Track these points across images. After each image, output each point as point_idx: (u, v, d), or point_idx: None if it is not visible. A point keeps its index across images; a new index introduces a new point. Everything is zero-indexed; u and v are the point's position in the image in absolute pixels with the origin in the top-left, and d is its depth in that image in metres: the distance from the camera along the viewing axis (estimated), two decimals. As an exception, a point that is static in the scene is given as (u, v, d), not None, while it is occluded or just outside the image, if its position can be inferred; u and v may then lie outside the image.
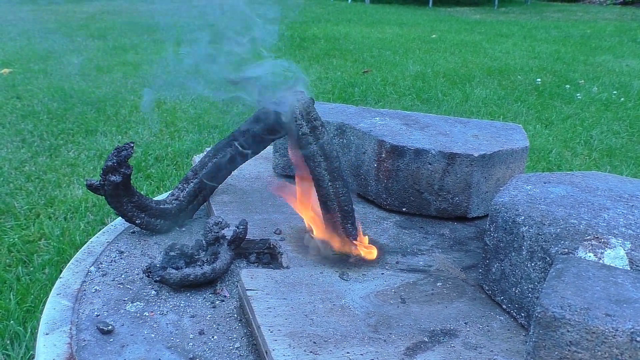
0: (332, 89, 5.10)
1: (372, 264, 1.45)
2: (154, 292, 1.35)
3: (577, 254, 1.11)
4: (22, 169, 3.23)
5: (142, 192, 2.60)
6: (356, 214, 1.47)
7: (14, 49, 6.64)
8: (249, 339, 1.20)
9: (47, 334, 1.18)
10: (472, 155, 1.61)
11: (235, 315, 1.28)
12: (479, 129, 1.85)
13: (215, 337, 1.20)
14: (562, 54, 7.27)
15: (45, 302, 1.99)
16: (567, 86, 5.45)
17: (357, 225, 1.46)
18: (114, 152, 1.45)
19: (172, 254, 1.37)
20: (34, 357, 1.73)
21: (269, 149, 2.03)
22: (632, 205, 1.27)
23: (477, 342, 1.16)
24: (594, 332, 0.88)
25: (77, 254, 1.50)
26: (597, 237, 1.12)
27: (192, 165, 3.23)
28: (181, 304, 1.31)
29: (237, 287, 1.36)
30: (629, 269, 1.06)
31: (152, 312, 1.27)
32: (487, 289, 1.34)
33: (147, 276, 1.36)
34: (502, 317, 1.26)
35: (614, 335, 0.87)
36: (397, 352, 1.11)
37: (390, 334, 1.17)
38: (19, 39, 7.29)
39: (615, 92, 5.24)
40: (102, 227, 2.58)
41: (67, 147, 3.60)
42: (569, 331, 0.89)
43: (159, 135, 3.88)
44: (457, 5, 14.38)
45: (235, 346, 1.18)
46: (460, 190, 1.65)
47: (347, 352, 1.09)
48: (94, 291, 1.34)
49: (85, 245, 1.56)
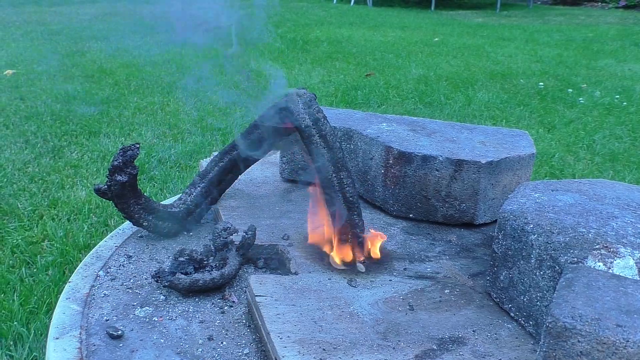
0: (335, 92, 5.10)
1: (380, 271, 1.45)
2: (162, 297, 1.35)
3: (586, 263, 1.12)
4: (25, 170, 3.24)
5: (146, 194, 2.60)
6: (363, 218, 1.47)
7: (18, 50, 6.64)
8: (258, 345, 1.20)
9: (57, 339, 1.18)
10: (480, 162, 1.62)
11: (244, 321, 1.28)
12: (486, 135, 1.85)
13: (224, 342, 1.21)
14: (565, 57, 7.27)
15: (49, 304, 2.01)
16: (570, 90, 5.45)
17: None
18: (120, 152, 1.45)
19: (181, 259, 1.37)
20: (37, 359, 1.74)
21: (276, 154, 2.04)
22: (640, 214, 1.27)
23: (485, 350, 1.16)
24: (605, 343, 0.88)
25: (86, 258, 1.51)
26: (607, 246, 1.13)
27: (196, 168, 3.24)
28: (190, 310, 1.31)
29: (245, 292, 1.37)
30: (639, 279, 1.06)
31: (161, 317, 1.28)
32: (495, 296, 1.35)
33: (156, 281, 1.37)
34: (510, 325, 1.26)
35: (625, 346, 0.87)
36: (407, 360, 1.11)
37: (399, 341, 1.17)
38: (22, 40, 7.30)
39: (617, 96, 5.24)
40: (106, 229, 2.59)
41: (71, 149, 3.60)
42: (579, 341, 0.90)
43: (162, 137, 3.88)
44: (460, 8, 14.39)
45: (244, 352, 1.18)
46: (467, 196, 1.66)
47: (357, 360, 1.10)
48: (102, 295, 1.34)
49: (93, 249, 1.56)
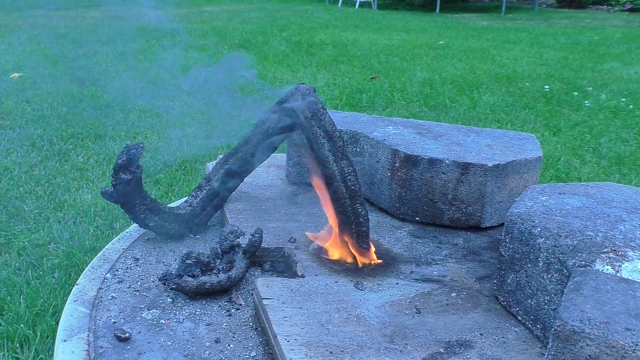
0: (340, 95, 5.10)
1: (387, 274, 1.45)
2: (169, 299, 1.35)
3: (594, 266, 1.11)
4: (31, 173, 3.25)
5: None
6: (369, 223, 1.47)
7: (24, 54, 6.67)
8: (265, 348, 1.20)
9: (65, 341, 1.19)
10: (486, 165, 1.61)
11: (250, 323, 1.28)
12: (492, 138, 1.85)
13: (231, 345, 1.21)
14: (570, 60, 7.26)
15: (55, 306, 2.01)
16: (575, 93, 5.44)
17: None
18: (124, 151, 1.46)
19: (188, 261, 1.37)
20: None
21: (282, 157, 2.04)
22: (648, 217, 1.27)
23: (492, 353, 1.16)
24: (613, 347, 0.88)
25: (93, 260, 1.51)
26: (615, 250, 1.12)
27: (202, 171, 3.25)
28: (197, 312, 1.31)
29: (252, 295, 1.37)
30: (647, 283, 1.06)
31: (168, 319, 1.28)
32: (502, 300, 1.34)
33: (163, 284, 1.37)
34: (517, 329, 1.26)
35: (634, 349, 0.87)
36: (414, 363, 1.11)
37: (406, 344, 1.17)
38: (29, 43, 7.33)
39: (623, 99, 5.23)
40: (111, 232, 2.60)
41: (77, 152, 3.62)
42: (588, 345, 0.89)
43: (168, 140, 3.89)
44: (464, 11, 14.38)
45: (251, 355, 1.18)
46: (473, 200, 1.66)
47: (364, 363, 1.10)
48: (110, 298, 1.35)
49: (100, 251, 1.56)
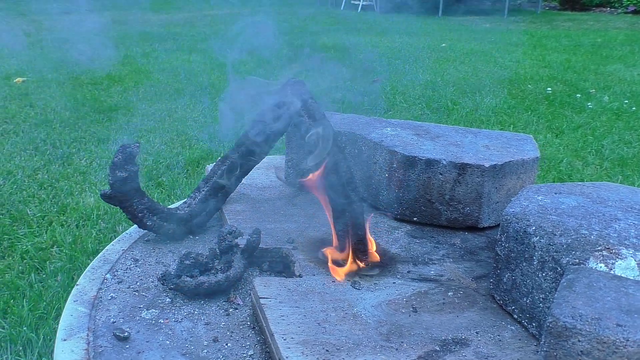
0: (342, 98, 5.12)
1: (384, 273, 1.46)
2: (168, 299, 1.37)
3: (588, 264, 1.12)
4: (35, 176, 3.27)
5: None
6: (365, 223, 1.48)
7: (27, 58, 6.72)
8: (263, 347, 1.21)
9: (64, 340, 1.20)
10: (483, 165, 1.62)
11: (248, 323, 1.30)
12: (490, 139, 1.86)
13: (229, 344, 1.22)
14: (573, 63, 7.26)
15: (58, 309, 2.02)
16: (578, 95, 5.44)
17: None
18: (120, 149, 1.48)
19: (187, 262, 1.39)
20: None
21: (281, 159, 2.05)
22: (643, 216, 1.28)
23: (488, 351, 1.17)
24: (605, 342, 0.88)
25: (93, 261, 1.53)
26: (608, 248, 1.13)
27: (204, 174, 3.26)
28: (195, 312, 1.33)
29: (250, 295, 1.38)
30: (640, 280, 1.07)
31: (167, 319, 1.29)
32: (498, 298, 1.35)
33: (162, 284, 1.38)
34: (513, 327, 1.27)
35: (625, 345, 0.87)
36: (409, 361, 1.12)
37: (402, 342, 1.18)
38: (32, 48, 7.38)
39: (626, 101, 5.23)
40: (114, 235, 2.61)
41: (80, 155, 3.64)
42: (580, 341, 0.90)
43: (170, 143, 3.91)
44: (467, 14, 14.40)
45: (249, 353, 1.19)
46: (471, 200, 1.66)
47: (360, 361, 1.11)
48: (109, 298, 1.36)
49: (100, 253, 1.58)
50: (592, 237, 1.17)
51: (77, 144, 3.84)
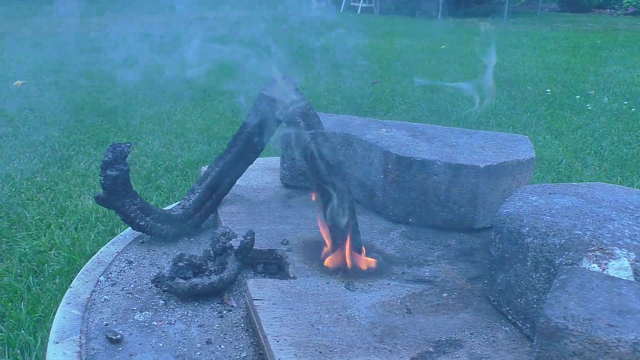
0: (341, 100, 5.12)
1: (378, 274, 1.46)
2: (162, 301, 1.36)
3: (581, 264, 1.12)
4: (33, 179, 3.27)
5: (152, 203, 2.62)
6: (362, 225, 1.48)
7: (27, 61, 6.72)
8: (256, 349, 1.21)
9: (57, 343, 1.20)
10: (478, 166, 1.62)
11: (242, 324, 1.29)
12: (485, 140, 1.86)
13: (222, 346, 1.22)
14: (572, 64, 7.26)
15: (55, 312, 2.02)
16: (577, 97, 5.44)
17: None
18: (110, 149, 1.48)
19: (181, 264, 1.38)
20: (44, 366, 1.75)
21: (277, 161, 2.05)
22: (638, 216, 1.27)
23: (482, 352, 1.17)
24: (596, 343, 0.88)
25: (87, 263, 1.53)
26: (602, 248, 1.13)
27: (200, 175, 3.26)
28: (189, 314, 1.32)
29: (244, 296, 1.38)
30: (633, 280, 1.06)
31: (160, 321, 1.29)
32: (492, 299, 1.35)
33: (156, 286, 1.38)
34: (507, 328, 1.26)
35: (617, 345, 0.87)
36: (402, 362, 1.11)
37: (395, 344, 1.17)
38: (32, 50, 7.38)
39: (625, 102, 5.22)
40: (112, 238, 2.61)
41: (78, 158, 3.64)
42: (572, 341, 0.90)
43: (169, 146, 3.91)
44: (467, 16, 14.39)
45: (242, 355, 1.19)
46: (466, 201, 1.66)
47: (352, 362, 1.10)
48: (103, 300, 1.36)
49: (95, 255, 1.58)
50: (586, 237, 1.16)
51: (76, 147, 3.84)
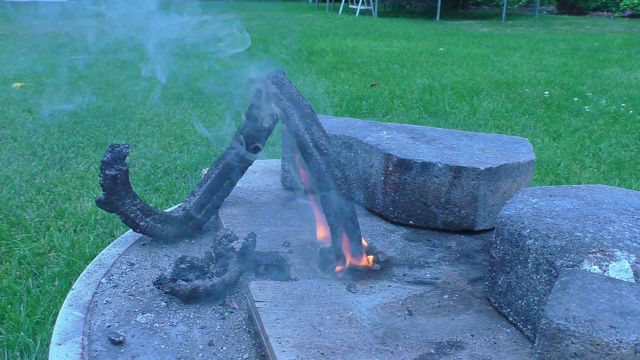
0: (340, 102, 5.13)
1: (380, 276, 1.46)
2: (164, 303, 1.37)
3: (582, 266, 1.12)
4: (32, 181, 3.27)
5: (151, 205, 2.62)
6: (363, 227, 1.48)
7: (26, 63, 6.72)
8: (258, 350, 1.21)
9: (59, 345, 1.20)
10: (479, 168, 1.63)
11: (244, 326, 1.30)
12: (485, 142, 1.87)
13: (224, 348, 1.22)
14: (570, 66, 7.28)
15: (55, 314, 2.02)
16: (575, 99, 5.45)
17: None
18: (109, 149, 1.49)
19: (182, 266, 1.39)
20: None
21: (278, 163, 2.05)
22: (638, 218, 1.28)
23: (483, 354, 1.17)
24: (598, 344, 0.89)
25: (89, 265, 1.53)
26: (602, 250, 1.13)
27: (200, 177, 3.26)
28: (191, 316, 1.33)
29: (246, 298, 1.38)
30: (634, 282, 1.07)
31: (162, 323, 1.29)
32: (493, 301, 1.35)
33: (158, 288, 1.38)
34: (508, 330, 1.27)
35: (619, 347, 0.87)
36: (404, 364, 1.12)
37: (397, 345, 1.18)
38: (30, 53, 7.38)
39: (623, 104, 5.24)
40: (112, 240, 2.61)
41: (77, 160, 3.64)
42: (573, 343, 0.90)
43: (168, 148, 3.91)
44: (465, 18, 14.43)
45: (244, 357, 1.19)
46: (466, 203, 1.67)
47: (355, 364, 1.11)
48: (105, 302, 1.36)
49: (96, 257, 1.58)
50: (586, 239, 1.17)
51: (75, 149, 3.84)
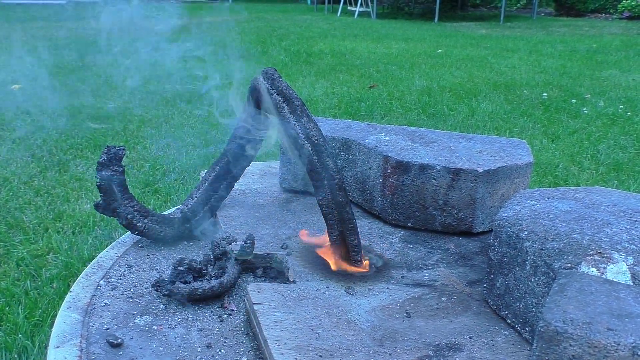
0: (339, 104, 5.13)
1: (378, 279, 1.46)
2: (162, 305, 1.37)
3: (580, 268, 1.12)
4: (31, 183, 3.27)
5: (150, 207, 2.62)
6: (361, 229, 1.48)
7: (24, 65, 6.72)
8: (256, 353, 1.21)
9: (57, 347, 1.20)
10: (477, 170, 1.63)
11: (242, 329, 1.30)
12: (484, 144, 1.87)
13: (222, 350, 1.22)
14: (568, 68, 7.29)
15: (53, 316, 2.02)
16: (574, 100, 5.46)
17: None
18: (104, 150, 1.49)
19: (181, 268, 1.39)
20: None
21: (276, 165, 2.05)
22: (636, 220, 1.28)
23: (481, 356, 1.17)
24: (596, 347, 0.89)
25: (87, 267, 1.53)
26: (600, 252, 1.14)
27: (199, 179, 3.26)
28: (189, 318, 1.33)
29: (244, 301, 1.38)
30: (632, 284, 1.07)
31: (160, 325, 1.29)
32: (491, 303, 1.35)
33: (156, 290, 1.38)
34: (506, 332, 1.27)
35: (616, 349, 0.88)
36: (402, 366, 1.12)
37: (395, 348, 1.18)
38: (29, 55, 7.38)
39: (621, 106, 5.25)
40: (110, 242, 2.61)
41: (76, 162, 3.64)
42: (571, 345, 0.90)
43: (167, 150, 3.92)
44: (463, 20, 14.45)
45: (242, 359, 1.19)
46: (465, 205, 1.67)
47: (353, 366, 1.11)
48: (103, 305, 1.36)
49: (95, 259, 1.58)
50: (584, 241, 1.17)
51: (74, 151, 3.84)
